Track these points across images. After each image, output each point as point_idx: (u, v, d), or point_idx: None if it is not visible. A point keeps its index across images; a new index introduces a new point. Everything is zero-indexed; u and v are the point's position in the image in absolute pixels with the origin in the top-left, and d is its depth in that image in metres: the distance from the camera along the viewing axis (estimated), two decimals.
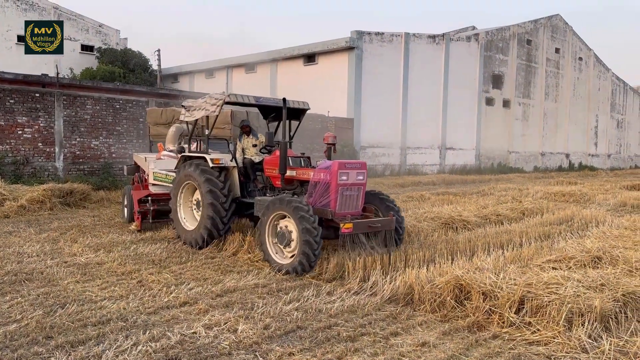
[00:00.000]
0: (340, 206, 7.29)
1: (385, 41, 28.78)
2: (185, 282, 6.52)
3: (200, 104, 8.84)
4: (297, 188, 8.14)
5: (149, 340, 4.62)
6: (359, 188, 7.53)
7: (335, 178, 7.20)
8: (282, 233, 7.10)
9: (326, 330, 5.00)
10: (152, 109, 14.16)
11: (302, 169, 7.99)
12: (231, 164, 8.66)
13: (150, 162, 10.75)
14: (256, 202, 8.07)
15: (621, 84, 49.24)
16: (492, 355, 4.49)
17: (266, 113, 9.68)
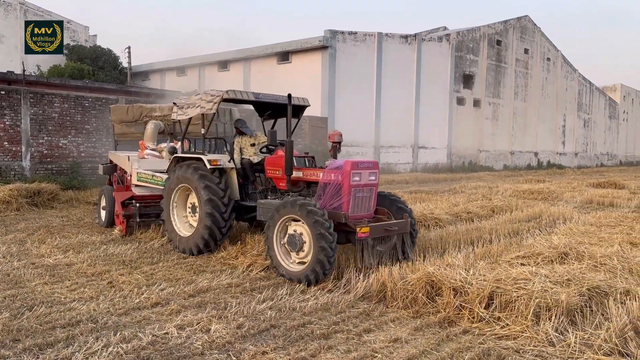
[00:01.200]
0: (352, 209, 6.83)
1: (358, 41, 28.93)
2: (156, 282, 6.45)
3: (194, 101, 8.39)
4: (303, 190, 7.64)
5: (120, 341, 4.56)
6: (371, 189, 7.09)
7: (347, 179, 6.75)
8: (292, 238, 6.63)
9: (300, 329, 5.02)
10: (117, 106, 13.38)
11: (310, 170, 7.51)
12: (229, 165, 8.14)
13: (133, 162, 10.12)
14: (259, 205, 7.61)
15: (587, 84, 50.56)
16: (462, 350, 4.57)
17: (262, 110, 9.22)
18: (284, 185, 7.70)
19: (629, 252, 7.54)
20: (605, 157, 54.76)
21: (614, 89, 57.07)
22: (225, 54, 32.44)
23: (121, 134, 12.78)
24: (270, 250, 6.85)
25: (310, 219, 6.33)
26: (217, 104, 7.91)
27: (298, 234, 6.59)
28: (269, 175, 8.02)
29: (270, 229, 6.82)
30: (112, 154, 11.62)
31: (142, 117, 12.66)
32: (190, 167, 8.04)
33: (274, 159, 7.94)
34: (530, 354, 4.49)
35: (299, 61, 28.88)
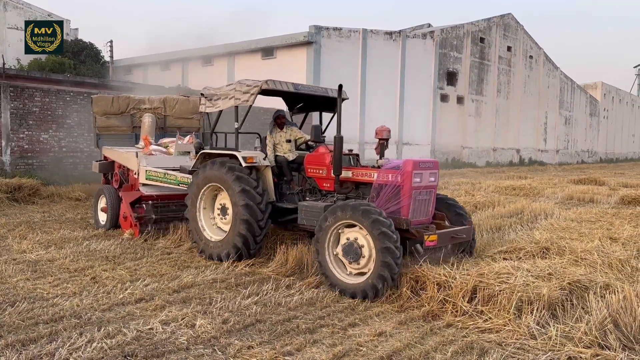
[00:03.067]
0: (412, 213, 6.22)
1: (343, 37, 28.93)
2: (140, 278, 6.41)
3: (226, 92, 7.61)
4: (351, 191, 7.00)
5: (104, 337, 4.53)
6: (431, 191, 6.49)
7: (409, 180, 6.14)
8: (349, 247, 5.91)
9: (285, 323, 5.03)
10: (100, 96, 12.30)
11: (361, 169, 6.85)
12: (264, 162, 7.42)
13: (141, 159, 9.27)
14: (301, 208, 6.91)
15: (569, 82, 51.22)
16: (446, 343, 4.63)
17: (293, 103, 8.64)
18: (329, 186, 7.08)
19: (609, 247, 7.69)
20: (586, 154, 55.58)
21: (594, 87, 57.91)
22: (209, 49, 32.22)
23: (104, 127, 11.84)
24: (320, 257, 6.15)
25: (375, 229, 5.60)
26: (255, 95, 7.20)
27: (356, 242, 5.88)
28: (310, 175, 7.34)
29: (322, 234, 6.11)
30: (107, 150, 10.79)
31: (129, 109, 11.89)
32: (225, 165, 7.27)
33: (317, 156, 7.29)
34: (513, 347, 4.57)
35: (284, 57, 28.80)
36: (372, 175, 6.60)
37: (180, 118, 12.28)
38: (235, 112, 7.56)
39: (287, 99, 8.61)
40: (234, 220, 7.11)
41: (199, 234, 7.67)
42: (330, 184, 7.03)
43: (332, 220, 6.04)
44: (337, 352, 4.36)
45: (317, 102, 8.28)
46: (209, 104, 7.94)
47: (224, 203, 7.49)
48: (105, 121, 11.81)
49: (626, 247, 7.88)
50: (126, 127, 11.91)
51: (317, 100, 8.16)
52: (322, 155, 7.21)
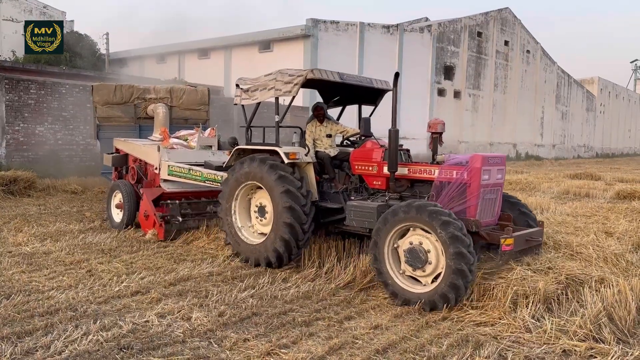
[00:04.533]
0: (479, 214, 5.74)
1: (340, 30, 28.84)
2: (136, 271, 6.40)
3: (265, 83, 7.07)
4: (405, 190, 6.47)
5: (100, 329, 4.53)
6: (498, 190, 6.00)
7: (477, 177, 5.62)
8: (414, 252, 5.38)
9: (281, 316, 5.04)
10: (102, 85, 11.73)
11: (419, 165, 6.32)
12: (306, 159, 6.92)
13: (163, 153, 8.68)
14: (349, 208, 6.33)
15: (566, 77, 51.24)
16: (441, 336, 4.64)
17: (330, 95, 8.08)
18: (380, 184, 6.58)
19: (604, 241, 7.70)
20: (582, 149, 55.70)
21: (591, 82, 57.96)
22: (206, 41, 32.09)
23: (105, 117, 11.30)
24: (379, 263, 5.59)
25: (446, 233, 5.05)
26: (299, 85, 6.66)
27: (421, 246, 5.37)
28: (358, 172, 6.83)
29: (380, 238, 5.55)
30: (121, 142, 10.15)
31: (132, 99, 11.42)
32: (266, 163, 6.70)
33: (366, 152, 6.78)
34: (508, 340, 4.59)
35: (281, 50, 28.70)
36: (433, 172, 6.07)
37: (187, 109, 11.84)
38: (276, 104, 7.05)
39: (323, 91, 8.03)
40: (276, 223, 6.58)
41: (235, 235, 7.13)
42: (382, 182, 6.53)
43: (393, 223, 5.46)
44: (333, 345, 4.36)
45: (357, 94, 7.77)
46: (244, 95, 7.37)
47: (262, 203, 7.00)
48: (107, 111, 11.27)
49: (621, 241, 7.91)
50: (129, 117, 11.39)
51: (359, 91, 7.63)
52: (372, 150, 6.71)
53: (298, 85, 6.65)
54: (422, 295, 5.27)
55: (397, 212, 5.46)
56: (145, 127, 11.58)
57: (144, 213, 8.44)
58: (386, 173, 6.36)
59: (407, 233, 5.49)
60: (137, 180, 9.42)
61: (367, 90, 7.56)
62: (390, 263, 5.55)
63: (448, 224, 5.07)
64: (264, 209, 6.98)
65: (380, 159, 6.52)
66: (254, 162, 6.87)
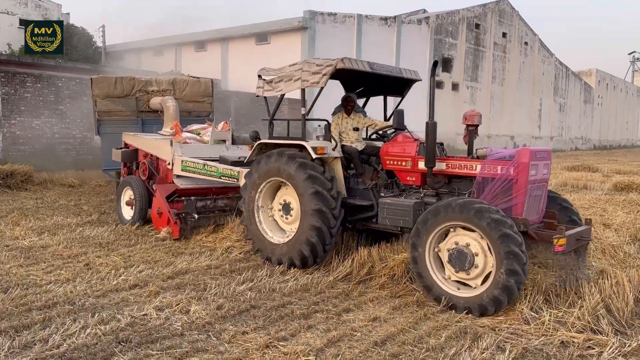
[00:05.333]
0: (526, 212, 5.39)
1: (338, 22, 28.71)
2: (134, 264, 6.39)
3: (290, 73, 6.68)
4: (442, 186, 6.07)
5: (98, 323, 4.52)
6: (544, 186, 5.67)
7: (525, 173, 5.29)
8: (459, 253, 5.05)
9: (280, 309, 5.04)
10: (102, 77, 11.31)
11: (459, 160, 5.88)
12: (334, 153, 6.55)
13: (176, 148, 8.39)
14: (382, 205, 6.00)
15: (564, 69, 51.19)
16: (439, 328, 4.65)
17: (353, 86, 7.64)
18: (414, 180, 6.17)
19: (602, 233, 7.73)
20: (580, 141, 55.74)
21: (589, 74, 57.91)
22: (203, 34, 31.93)
23: (106, 111, 10.91)
24: (419, 264, 5.25)
25: (495, 231, 4.75)
26: (328, 76, 6.30)
27: (467, 247, 5.03)
28: (390, 167, 6.43)
29: (421, 238, 5.21)
30: (130, 137, 9.82)
31: (134, 91, 11.07)
32: (295, 160, 6.32)
33: (399, 146, 6.37)
34: (506, 332, 4.59)
35: (278, 42, 28.56)
36: (474, 167, 5.67)
37: (190, 101, 11.49)
38: (302, 95, 6.69)
39: (347, 81, 7.58)
40: (303, 224, 6.25)
41: (257, 233, 6.80)
42: (417, 178, 6.13)
43: (435, 223, 5.14)
44: (332, 338, 4.36)
45: (383, 85, 7.43)
46: (267, 87, 7.00)
47: (288, 200, 6.65)
48: (108, 105, 10.92)
49: (619, 233, 7.93)
50: (130, 111, 11.08)
51: (386, 82, 7.27)
52: (405, 144, 6.31)
53: (327, 75, 6.30)
54: (470, 299, 4.95)
55: (439, 211, 5.11)
56: (148, 121, 11.24)
57: (157, 210, 8.12)
58: (421, 168, 6.00)
59: (449, 233, 5.18)
60: (148, 176, 9.13)
61: (395, 81, 7.22)
62: (432, 265, 5.22)
63: (498, 222, 4.75)
64: (289, 207, 6.65)
65: (414, 154, 6.13)
66: (281, 158, 6.46)
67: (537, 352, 4.25)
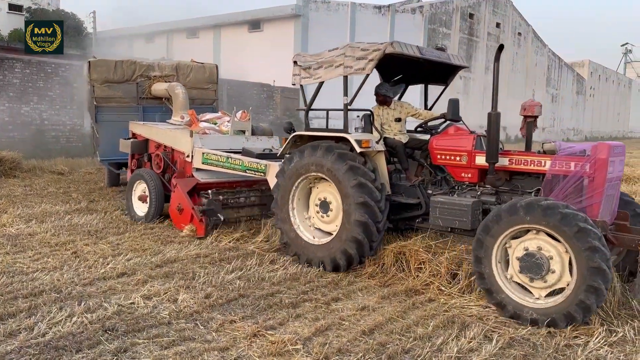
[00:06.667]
0: (601, 213, 4.89)
1: (331, 10, 28.52)
2: (122, 253, 6.35)
3: (331, 59, 6.16)
4: (503, 183, 5.59)
5: (85, 311, 4.49)
6: (617, 184, 5.19)
7: (603, 170, 4.80)
8: (533, 259, 4.55)
9: (269, 298, 5.03)
10: (101, 61, 10.63)
11: (523, 155, 5.40)
12: (378, 147, 6.07)
13: (196, 139, 7.90)
14: (434, 204, 5.51)
15: (557, 60, 51.23)
16: (427, 317, 4.66)
17: (391, 73, 7.08)
18: (469, 177, 5.69)
19: None
20: (572, 132, 55.95)
21: (582, 65, 58.01)
22: (195, 20, 31.61)
23: (104, 98, 10.32)
24: (484, 267, 4.79)
25: (582, 242, 4.26)
26: (375, 61, 5.77)
27: (543, 254, 4.54)
28: (441, 162, 5.92)
29: (490, 237, 4.75)
30: (139, 126, 9.25)
31: (135, 76, 10.57)
32: (333, 151, 5.85)
33: (453, 139, 5.90)
34: (494, 322, 4.61)
35: (271, 30, 28.34)
36: (543, 163, 5.19)
37: (194, 88, 10.90)
38: (344, 83, 6.21)
39: (385, 67, 6.89)
40: (346, 221, 5.77)
41: (293, 234, 6.30)
42: (473, 174, 5.65)
43: (509, 222, 4.64)
44: (320, 326, 4.36)
45: (425, 72, 6.91)
46: (304, 74, 6.48)
47: (326, 197, 6.17)
48: (106, 91, 10.34)
49: None
50: (130, 98, 10.59)
51: (430, 68, 6.75)
52: (460, 137, 5.85)
53: (374, 61, 5.77)
54: (540, 310, 4.53)
55: (516, 210, 4.59)
56: (149, 108, 10.74)
57: (177, 206, 7.58)
58: (479, 164, 5.54)
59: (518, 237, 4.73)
60: (163, 169, 8.55)
61: (441, 67, 6.73)
62: (498, 268, 4.77)
63: (585, 232, 4.27)
64: (327, 204, 6.16)
65: (471, 148, 5.63)
66: (317, 150, 5.98)
67: (524, 341, 4.27)
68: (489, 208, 5.29)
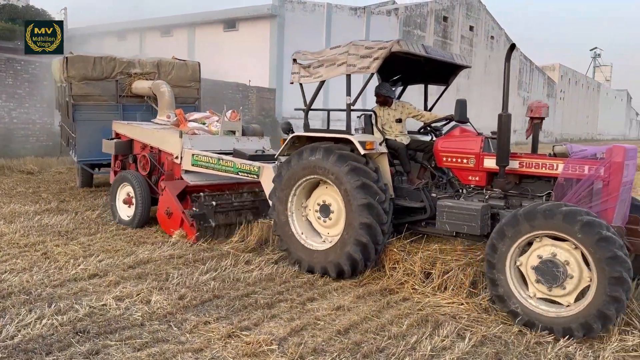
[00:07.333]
0: (615, 218, 4.74)
1: (307, 10, 28.54)
2: (94, 253, 6.24)
3: (333, 57, 5.97)
4: (512, 187, 5.39)
5: (55, 313, 4.40)
6: (630, 188, 5.06)
7: (619, 174, 4.66)
8: (550, 266, 4.39)
9: (243, 299, 5.01)
10: (79, 57, 10.24)
11: (535, 158, 5.21)
12: (381, 149, 5.88)
13: (186, 140, 7.62)
14: (442, 208, 5.28)
15: (528, 63, 52.22)
16: (401, 316, 4.70)
17: (390, 72, 6.84)
18: (477, 180, 5.47)
19: None
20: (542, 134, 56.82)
21: (552, 69, 59.24)
22: (169, 19, 31.25)
23: (82, 95, 9.99)
24: (499, 275, 4.61)
25: (603, 251, 4.11)
26: (380, 60, 5.54)
27: (559, 261, 4.38)
28: (447, 165, 5.71)
29: (503, 245, 4.57)
30: (123, 126, 8.90)
31: (114, 73, 10.28)
32: (333, 152, 5.63)
33: (460, 141, 5.68)
34: (467, 320, 4.68)
35: (247, 29, 28.21)
36: (556, 166, 5.00)
37: (176, 86, 10.55)
38: (347, 82, 5.97)
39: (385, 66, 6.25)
40: (349, 224, 5.55)
41: (292, 241, 6.06)
42: (481, 178, 5.43)
43: (526, 228, 4.45)
44: (295, 327, 4.36)
45: (426, 71, 6.79)
46: (304, 72, 6.27)
47: (326, 200, 5.94)
48: (84, 88, 10.02)
49: None
50: (110, 96, 10.29)
51: (432, 68, 6.64)
52: (467, 139, 5.63)
53: (379, 59, 5.54)
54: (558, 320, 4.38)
55: (534, 214, 4.40)
56: (129, 106, 10.48)
57: (166, 210, 7.28)
58: (488, 167, 5.34)
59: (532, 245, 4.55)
60: (150, 171, 8.19)
61: (442, 67, 6.59)
62: (511, 274, 4.58)
63: (607, 241, 4.11)
64: (328, 208, 5.92)
65: (479, 150, 5.42)
66: (316, 152, 5.75)
67: (495, 339, 4.35)
68: (498, 212, 5.15)
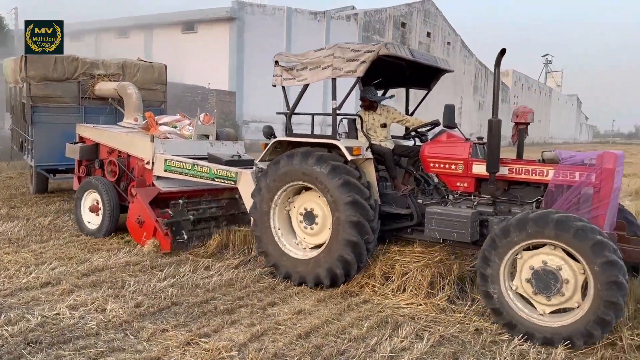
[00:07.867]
0: (606, 224, 4.70)
1: (267, 14, 28.50)
2: (46, 261, 6.04)
3: (318, 60, 5.74)
4: (501, 194, 5.35)
5: (5, 323, 4.24)
6: (617, 194, 5.03)
7: (610, 180, 4.64)
8: (547, 275, 4.32)
9: (203, 305, 4.95)
10: (38, 57, 9.85)
11: (525, 164, 5.16)
12: (367, 154, 5.73)
13: (157, 145, 7.31)
14: (430, 215, 5.15)
15: (483, 69, 53.64)
16: (362, 319, 4.74)
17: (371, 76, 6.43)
18: (465, 186, 5.41)
19: None
20: None
21: (506, 74, 60.97)
22: (124, 20, 30.59)
23: (42, 97, 9.60)
24: (492, 285, 4.52)
25: (598, 257, 4.07)
26: (367, 63, 5.41)
27: (556, 269, 4.31)
28: (434, 171, 5.65)
29: (496, 256, 4.48)
30: (88, 129, 8.51)
31: (77, 74, 9.90)
32: (327, 162, 5.42)
33: (448, 146, 5.56)
34: (425, 321, 4.76)
35: (206, 32, 27.92)
36: (546, 172, 4.96)
37: (142, 88, 10.12)
38: (333, 86, 5.78)
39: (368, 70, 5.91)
40: (334, 237, 5.40)
41: (274, 247, 5.86)
42: (469, 184, 5.38)
43: (518, 238, 4.39)
44: (256, 332, 4.34)
45: (407, 75, 6.73)
46: (286, 75, 6.06)
47: (311, 207, 5.75)
48: (43, 89, 9.62)
49: None
50: (71, 97, 9.88)
51: (414, 72, 6.56)
52: (455, 145, 5.54)
53: (366, 63, 5.41)
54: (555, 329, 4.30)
55: (525, 223, 4.34)
56: (92, 109, 10.07)
57: (136, 219, 6.87)
58: (476, 173, 5.29)
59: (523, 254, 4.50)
60: (118, 177, 7.73)
61: (425, 71, 6.51)
62: (505, 285, 4.51)
63: (601, 247, 4.07)
64: (312, 215, 5.74)
65: (467, 156, 5.37)
66: (307, 159, 5.54)
67: (453, 339, 4.44)
68: (487, 219, 5.12)
